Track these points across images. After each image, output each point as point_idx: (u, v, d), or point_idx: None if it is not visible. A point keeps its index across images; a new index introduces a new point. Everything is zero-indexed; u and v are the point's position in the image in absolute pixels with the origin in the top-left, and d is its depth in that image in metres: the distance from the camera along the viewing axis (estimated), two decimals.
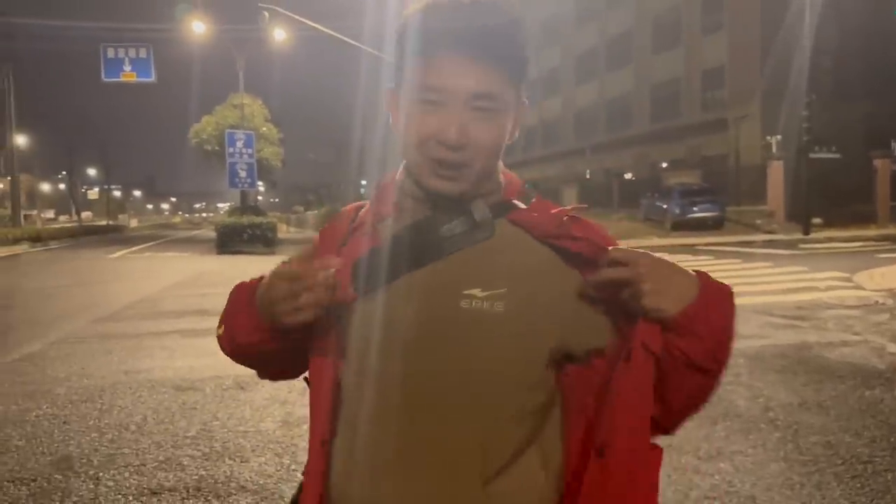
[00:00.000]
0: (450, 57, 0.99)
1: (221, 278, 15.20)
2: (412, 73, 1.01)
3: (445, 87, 0.99)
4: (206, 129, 32.68)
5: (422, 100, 1.00)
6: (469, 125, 1.00)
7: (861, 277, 11.15)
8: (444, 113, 0.99)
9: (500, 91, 1.01)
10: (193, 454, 4.13)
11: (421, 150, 1.02)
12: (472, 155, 1.01)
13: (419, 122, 1.01)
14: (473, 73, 0.99)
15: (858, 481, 3.53)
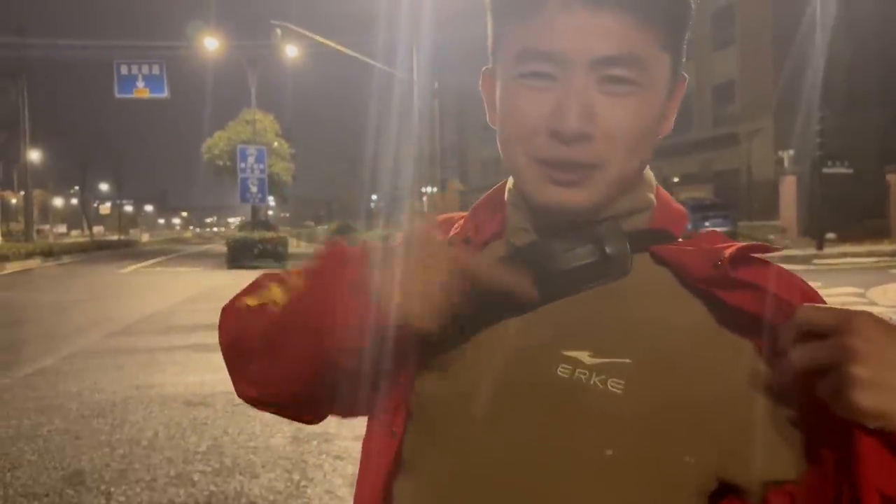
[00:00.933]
0: (564, 6, 0.66)
1: (232, 293, 15.15)
2: (515, 36, 0.71)
3: (559, 51, 0.67)
4: (218, 144, 32.96)
5: (525, 74, 0.69)
6: (596, 105, 0.68)
7: (875, 293, 11.05)
8: (558, 91, 0.68)
9: (644, 55, 0.68)
10: (204, 470, 4.12)
11: (527, 149, 0.71)
12: (602, 150, 0.69)
13: (523, 107, 0.70)
14: (602, 27, 0.66)
15: None
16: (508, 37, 0.72)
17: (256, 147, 27.32)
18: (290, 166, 35.76)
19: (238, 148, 27.21)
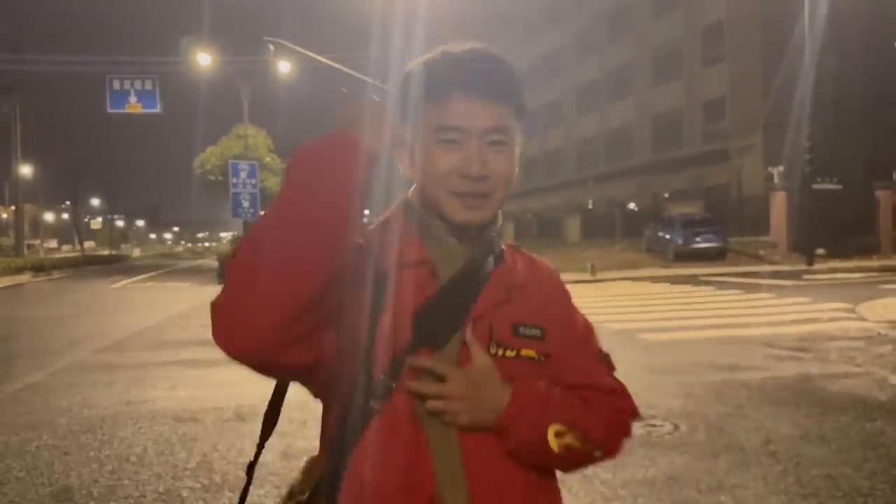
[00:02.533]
0: (463, 99, 1.07)
1: None
2: (429, 116, 1.08)
3: (462, 125, 1.07)
4: (210, 159, 32.94)
5: (441, 140, 1.08)
6: (487, 157, 1.08)
7: (864, 309, 11.13)
8: (463, 149, 1.07)
9: (508, 125, 1.10)
10: (193, 486, 4.12)
11: (445, 185, 1.08)
12: (493, 185, 1.09)
13: (441, 159, 1.08)
14: (485, 111, 1.07)
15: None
16: (426, 117, 1.08)
17: (248, 162, 27.33)
18: None
19: (230, 163, 27.20)
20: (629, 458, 4.37)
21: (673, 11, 37.39)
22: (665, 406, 5.63)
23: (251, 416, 5.71)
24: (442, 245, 1.13)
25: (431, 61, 1.11)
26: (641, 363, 7.26)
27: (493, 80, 1.09)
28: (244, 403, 6.14)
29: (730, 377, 6.71)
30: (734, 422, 5.18)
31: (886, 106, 29.32)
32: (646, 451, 4.51)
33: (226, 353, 0.94)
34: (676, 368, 7.21)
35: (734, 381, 6.54)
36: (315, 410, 4.71)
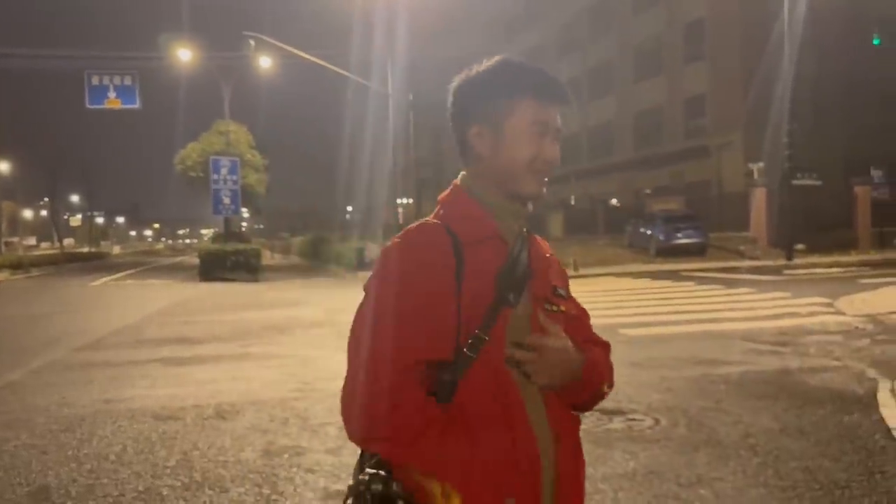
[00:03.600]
0: (552, 104, 1.39)
1: (204, 306, 15.12)
2: (526, 109, 1.37)
3: (549, 123, 1.38)
4: (191, 155, 32.62)
5: (534, 131, 1.37)
6: (556, 148, 1.40)
7: (842, 303, 11.26)
8: (546, 140, 1.38)
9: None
10: (173, 484, 4.09)
11: (531, 166, 1.37)
12: (553, 170, 1.41)
13: (531, 145, 1.37)
14: (558, 113, 1.40)
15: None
16: (526, 108, 1.37)
17: (230, 158, 27.12)
18: (263, 178, 35.40)
19: (211, 159, 26.99)
20: (610, 452, 4.39)
21: (654, 9, 37.56)
22: (646, 400, 5.66)
23: (231, 413, 5.68)
24: (503, 221, 1.40)
25: (531, 70, 1.40)
26: (622, 358, 7.29)
27: (564, 90, 1.41)
28: (224, 401, 6.11)
29: (710, 371, 6.76)
30: (714, 416, 5.22)
31: (864, 104, 29.66)
32: (626, 446, 4.53)
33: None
34: (657, 363, 7.25)
35: (714, 375, 6.59)
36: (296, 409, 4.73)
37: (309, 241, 51.68)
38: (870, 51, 29.04)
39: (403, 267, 1.31)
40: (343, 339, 6.16)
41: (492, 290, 1.31)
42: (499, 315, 1.30)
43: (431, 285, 1.29)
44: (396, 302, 1.29)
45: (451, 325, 1.28)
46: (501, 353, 1.30)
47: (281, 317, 12.56)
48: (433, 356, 1.27)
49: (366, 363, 1.27)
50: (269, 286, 22.41)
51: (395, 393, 1.24)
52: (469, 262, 1.31)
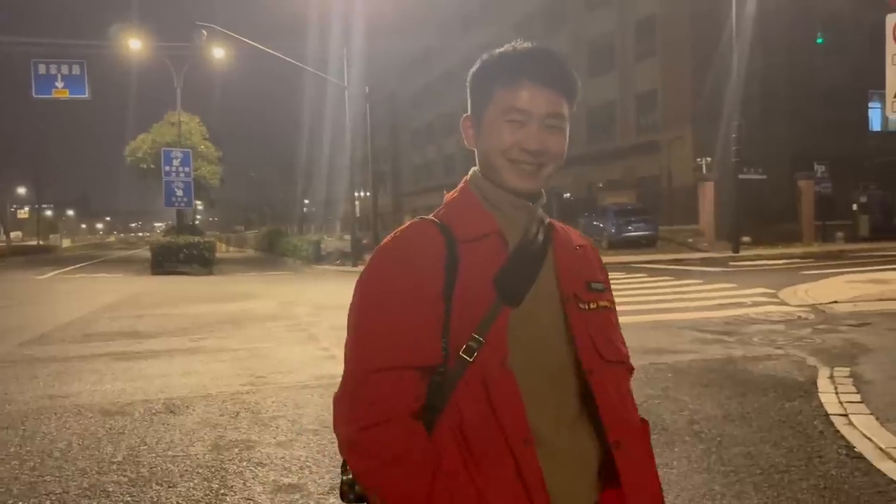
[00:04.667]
0: (530, 86, 1.26)
1: (156, 300, 14.85)
2: (499, 98, 1.27)
3: (527, 109, 1.26)
4: (141, 146, 31.97)
5: (509, 119, 1.26)
6: (544, 137, 1.27)
7: (785, 293, 11.60)
8: (525, 128, 1.26)
9: (562, 112, 1.29)
10: (119, 480, 4.03)
11: (506, 155, 1.28)
12: (545, 159, 1.28)
13: (506, 134, 1.27)
14: (546, 98, 1.27)
15: (775, 490, 3.67)
16: (497, 98, 1.28)
17: (182, 150, 26.66)
18: (217, 169, 34.88)
19: (163, 150, 26.48)
20: None
21: (606, 6, 37.95)
22: None
23: (181, 408, 5.61)
24: (506, 216, 1.31)
25: (505, 53, 1.30)
26: None
27: (555, 72, 1.28)
28: (175, 396, 6.03)
29: (658, 360, 6.90)
30: (661, 403, 5.34)
31: (809, 100, 30.50)
32: None
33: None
34: None
35: (662, 364, 6.74)
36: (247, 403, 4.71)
37: (265, 233, 51.17)
38: (814, 49, 29.86)
39: (386, 266, 1.26)
40: (297, 331, 6.23)
41: (491, 289, 1.22)
42: (498, 316, 1.20)
43: (412, 286, 1.21)
44: (375, 303, 1.23)
45: (435, 327, 1.20)
46: (500, 356, 1.19)
47: (234, 310, 12.42)
48: (413, 361, 1.18)
49: (345, 368, 1.24)
50: (223, 279, 22.12)
51: (359, 400, 1.18)
52: (465, 261, 1.23)
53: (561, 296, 1.28)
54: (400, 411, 1.17)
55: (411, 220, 1.32)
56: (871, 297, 10.58)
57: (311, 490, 3.81)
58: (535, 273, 1.27)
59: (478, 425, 1.18)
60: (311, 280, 21.23)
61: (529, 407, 1.20)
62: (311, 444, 4.61)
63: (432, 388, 1.20)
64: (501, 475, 1.17)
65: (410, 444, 1.16)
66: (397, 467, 1.15)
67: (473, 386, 1.19)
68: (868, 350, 7.14)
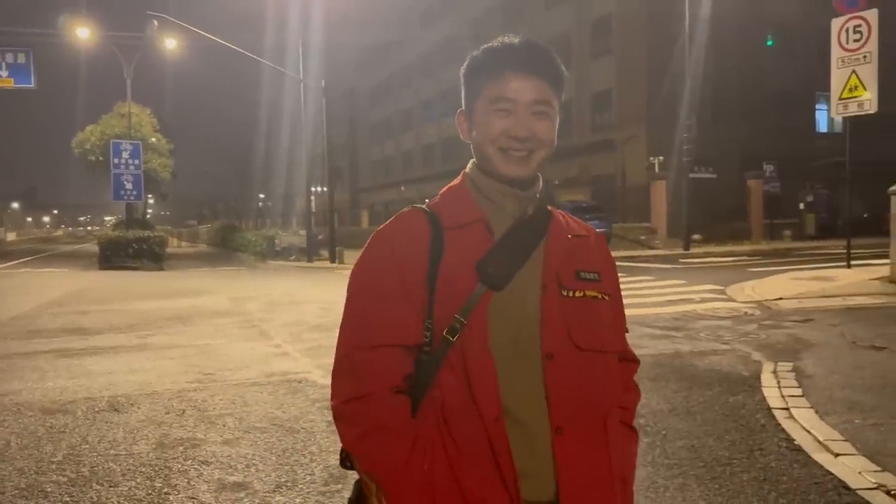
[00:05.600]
0: (515, 75, 1.31)
1: (103, 295, 14.51)
2: (487, 90, 1.33)
3: (514, 98, 1.31)
4: (90, 138, 31.16)
5: (497, 109, 1.32)
6: (532, 124, 1.32)
7: (733, 290, 11.86)
8: (513, 116, 1.31)
9: (550, 99, 1.34)
10: (59, 480, 3.92)
11: (496, 143, 1.32)
12: (534, 145, 1.32)
13: (495, 123, 1.32)
14: (531, 86, 1.32)
15: (717, 482, 3.75)
16: (486, 89, 1.34)
17: (131, 142, 26.07)
18: (168, 162, 34.19)
19: (111, 142, 25.85)
20: None
21: (563, 4, 38.25)
22: None
23: (126, 406, 5.49)
24: (496, 205, 1.36)
25: (491, 47, 1.36)
26: None
27: (538, 60, 1.33)
28: (120, 394, 5.90)
29: None
30: None
31: (759, 102, 31.22)
32: None
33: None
34: None
35: None
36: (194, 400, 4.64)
37: (218, 228, 50.39)
38: (764, 52, 30.58)
39: (372, 253, 1.34)
40: (247, 328, 6.16)
41: (473, 273, 1.27)
42: (481, 299, 1.26)
43: (394, 271, 1.29)
44: (360, 287, 1.33)
45: (416, 308, 1.27)
46: (481, 337, 1.25)
47: (184, 306, 12.20)
48: (394, 339, 1.26)
49: (336, 347, 1.32)
50: (173, 275, 21.72)
51: (349, 377, 1.27)
52: (449, 246, 1.30)
53: (542, 281, 1.32)
54: (382, 386, 1.25)
55: (401, 211, 1.39)
56: (815, 294, 10.88)
57: (257, 488, 3.76)
58: (521, 259, 1.31)
59: (456, 403, 1.25)
60: (264, 276, 20.99)
61: (506, 387, 1.25)
62: (259, 441, 4.55)
63: (420, 367, 1.28)
64: (475, 451, 1.23)
65: (389, 415, 1.24)
66: (376, 436, 1.23)
67: (456, 365, 1.26)
68: (810, 345, 7.34)
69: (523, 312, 1.29)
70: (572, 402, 1.28)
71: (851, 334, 7.78)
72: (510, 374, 1.26)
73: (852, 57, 12.74)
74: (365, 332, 1.28)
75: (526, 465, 1.24)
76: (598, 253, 1.44)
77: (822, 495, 3.54)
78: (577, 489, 1.25)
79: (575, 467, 1.26)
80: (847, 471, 3.83)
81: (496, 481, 1.23)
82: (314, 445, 4.43)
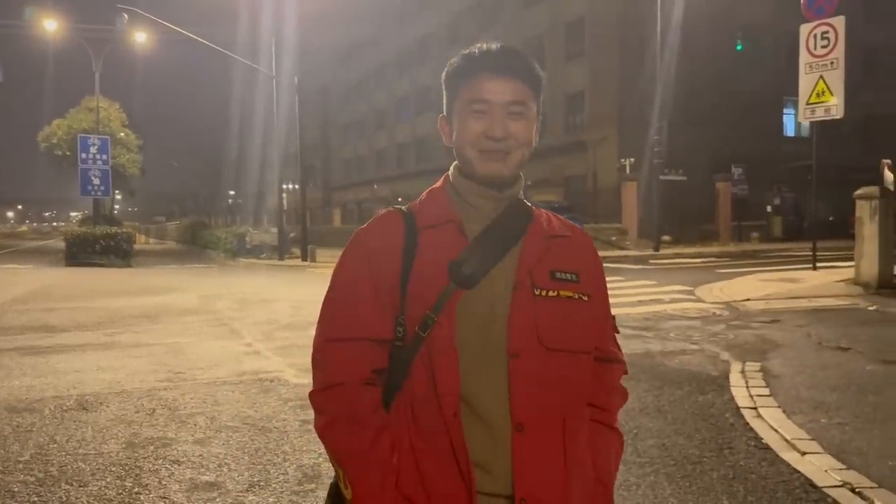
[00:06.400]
0: (490, 77, 1.35)
1: (69, 292, 14.27)
2: (464, 93, 1.37)
3: (489, 99, 1.34)
4: (56, 132, 30.64)
5: (473, 110, 1.35)
6: (508, 124, 1.34)
7: (702, 291, 12.03)
8: (489, 117, 1.34)
9: (526, 100, 1.36)
10: (26, 480, 3.85)
11: (475, 145, 1.35)
12: (511, 145, 1.35)
13: (472, 125, 1.35)
14: (507, 87, 1.34)
15: (687, 480, 3.80)
16: (462, 92, 1.37)
17: (99, 137, 25.65)
18: (137, 158, 33.71)
19: (79, 137, 25.41)
20: None
21: (538, 6, 38.43)
22: None
23: (94, 405, 5.41)
24: (471, 206, 1.40)
25: (468, 53, 1.39)
26: None
27: (513, 63, 1.36)
28: (88, 392, 5.81)
29: None
30: None
31: (728, 105, 31.66)
32: None
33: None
34: None
35: None
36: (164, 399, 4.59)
37: (187, 225, 49.80)
38: (734, 56, 31.03)
39: (349, 251, 1.41)
40: (218, 326, 6.10)
41: (444, 272, 1.31)
42: (450, 297, 1.30)
43: (366, 267, 1.35)
44: (336, 282, 1.39)
45: (387, 304, 1.33)
46: (448, 333, 1.29)
47: (152, 304, 12.04)
48: (364, 333, 1.32)
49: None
50: (141, 272, 21.43)
51: (322, 368, 1.35)
52: (423, 245, 1.34)
53: (518, 280, 1.34)
54: (351, 376, 1.31)
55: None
56: (782, 296, 11.08)
57: (230, 488, 3.73)
58: (493, 259, 1.34)
59: (423, 396, 1.30)
60: (234, 274, 20.80)
61: (468, 383, 1.29)
62: (231, 441, 4.51)
63: (394, 360, 1.33)
64: (436, 442, 1.29)
65: (355, 406, 1.29)
66: (342, 425, 1.29)
67: (425, 360, 1.30)
68: (778, 346, 7.47)
69: (492, 311, 1.31)
70: (535, 401, 1.29)
71: (817, 335, 7.94)
72: (475, 371, 1.29)
73: (820, 63, 12.98)
74: (337, 326, 1.35)
75: (484, 459, 1.27)
76: (581, 254, 1.45)
77: (789, 493, 3.61)
78: (532, 486, 1.27)
79: (532, 464, 1.28)
80: (813, 469, 3.91)
81: (454, 472, 1.27)
82: (287, 445, 4.40)
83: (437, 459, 1.28)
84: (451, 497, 1.27)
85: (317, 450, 4.20)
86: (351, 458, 1.28)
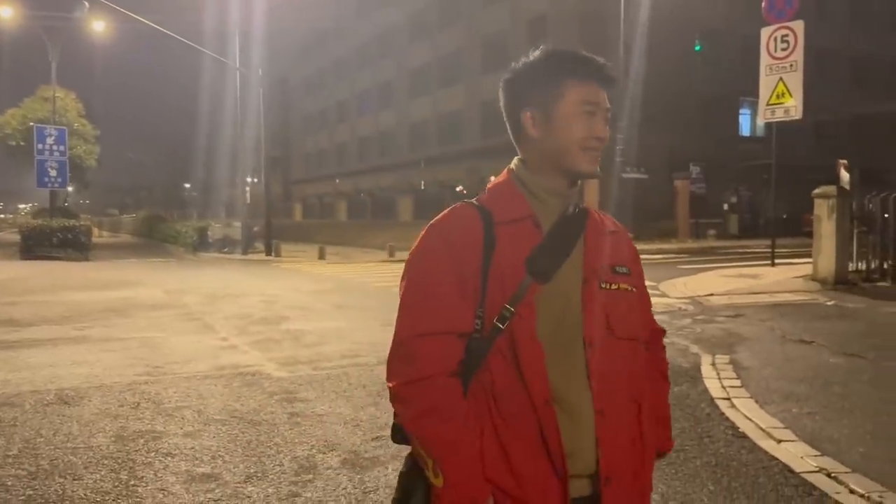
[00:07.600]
0: (599, 86, 1.47)
1: (30, 286, 13.96)
2: (573, 91, 1.45)
3: (599, 103, 1.46)
4: (10, 122, 29.80)
5: (584, 111, 1.45)
6: (605, 127, 1.48)
7: (666, 286, 12.29)
8: (596, 119, 1.46)
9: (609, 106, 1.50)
10: (18, 473, 3.83)
11: (582, 143, 1.45)
12: (604, 146, 1.48)
13: (582, 124, 1.45)
14: (605, 96, 1.48)
15: (672, 468, 3.95)
16: (571, 94, 1.45)
17: (57, 127, 25.04)
18: (94, 149, 32.94)
19: (35, 127, 24.76)
20: None
21: (500, 3, 38.61)
22: None
23: (76, 399, 5.36)
24: (542, 202, 1.47)
25: (571, 52, 1.49)
26: None
27: (610, 74, 1.49)
28: (66, 386, 5.74)
29: None
30: None
31: (686, 105, 32.29)
32: None
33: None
34: None
35: None
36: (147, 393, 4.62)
37: (143, 218, 48.84)
38: (692, 57, 31.62)
39: (429, 244, 1.45)
40: (189, 321, 6.15)
41: (523, 267, 1.38)
42: (528, 290, 1.37)
43: (450, 261, 1.40)
44: (418, 276, 1.43)
45: (470, 298, 1.38)
46: (529, 325, 1.36)
47: (118, 298, 11.86)
48: (448, 327, 1.37)
49: (394, 332, 1.43)
50: (101, 265, 21.01)
51: (407, 361, 1.38)
52: (501, 240, 1.40)
53: (585, 275, 1.43)
54: (437, 370, 1.36)
55: (455, 203, 1.50)
56: (744, 291, 11.40)
57: (227, 479, 3.76)
58: (565, 254, 1.43)
59: (505, 385, 1.36)
60: (196, 268, 20.53)
61: (552, 372, 1.37)
62: (221, 434, 4.53)
63: (470, 351, 1.38)
64: (525, 431, 1.35)
65: (444, 397, 1.35)
66: (431, 417, 1.34)
67: (505, 351, 1.37)
68: (744, 339, 7.71)
69: (567, 304, 1.41)
70: (611, 386, 1.40)
71: (781, 329, 8.21)
72: (554, 360, 1.37)
73: (780, 65, 13.37)
74: (422, 319, 1.39)
75: (570, 444, 1.36)
76: (627, 247, 1.58)
77: (770, 479, 3.78)
78: (616, 465, 1.39)
79: (615, 446, 1.39)
80: (790, 456, 4.10)
81: (543, 458, 1.35)
82: (278, 437, 4.43)
83: (524, 444, 1.35)
84: (541, 480, 1.35)
85: (309, 442, 4.24)
86: (443, 447, 1.34)
